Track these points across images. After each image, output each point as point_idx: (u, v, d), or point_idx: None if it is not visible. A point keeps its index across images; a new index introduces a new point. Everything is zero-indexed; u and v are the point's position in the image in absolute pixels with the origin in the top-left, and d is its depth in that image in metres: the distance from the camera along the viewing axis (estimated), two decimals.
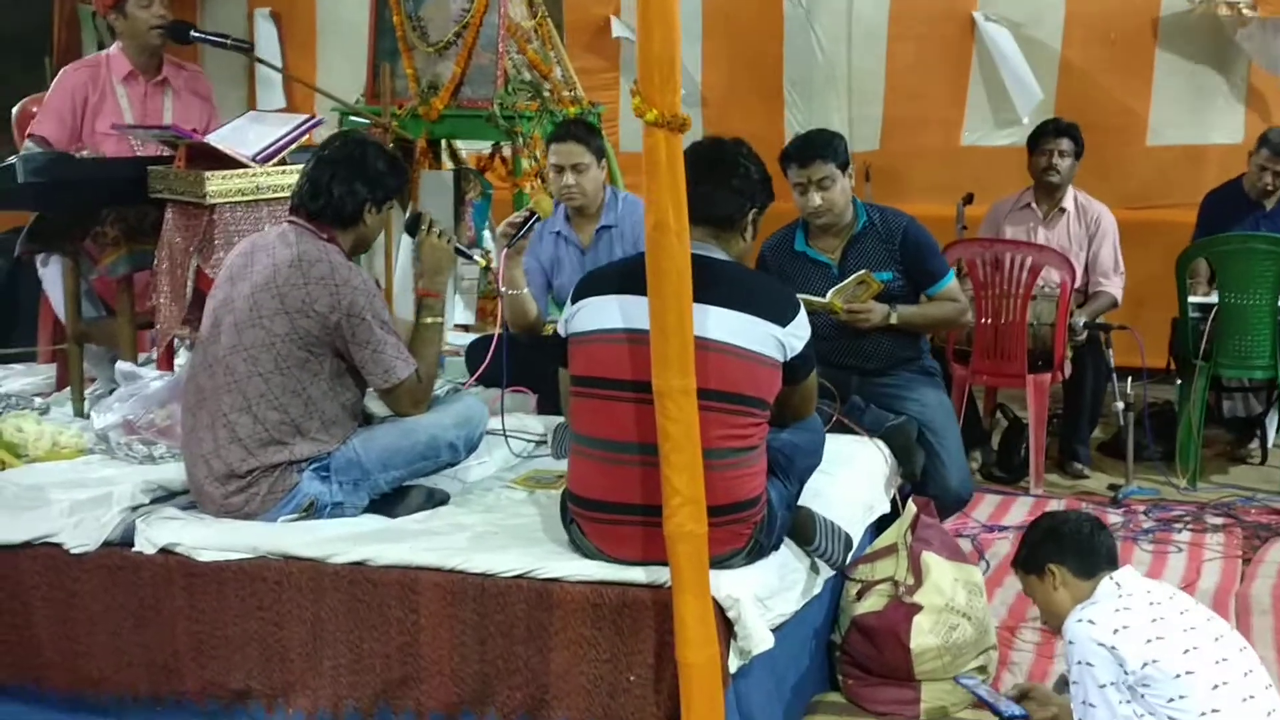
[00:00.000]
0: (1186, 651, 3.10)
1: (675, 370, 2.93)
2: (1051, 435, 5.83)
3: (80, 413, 4.62)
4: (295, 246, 3.60)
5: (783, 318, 3.23)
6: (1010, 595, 4.40)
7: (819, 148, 4.42)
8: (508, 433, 4.14)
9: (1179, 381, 5.89)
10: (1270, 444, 5.93)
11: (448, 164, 6.02)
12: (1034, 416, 5.54)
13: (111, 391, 4.63)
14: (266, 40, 8.26)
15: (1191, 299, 5.64)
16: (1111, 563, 3.35)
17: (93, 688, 3.59)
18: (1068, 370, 5.68)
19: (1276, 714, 3.10)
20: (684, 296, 2.92)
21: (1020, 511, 5.31)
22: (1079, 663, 3.16)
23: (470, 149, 6.29)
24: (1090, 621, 3.17)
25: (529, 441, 4.28)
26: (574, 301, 3.37)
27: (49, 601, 3.57)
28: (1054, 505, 5.33)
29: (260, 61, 5.23)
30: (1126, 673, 3.09)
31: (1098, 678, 3.12)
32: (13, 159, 4.26)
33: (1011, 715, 3.41)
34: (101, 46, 8.45)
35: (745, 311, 3.18)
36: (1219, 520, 5.17)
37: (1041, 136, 6.00)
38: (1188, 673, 3.07)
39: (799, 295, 3.52)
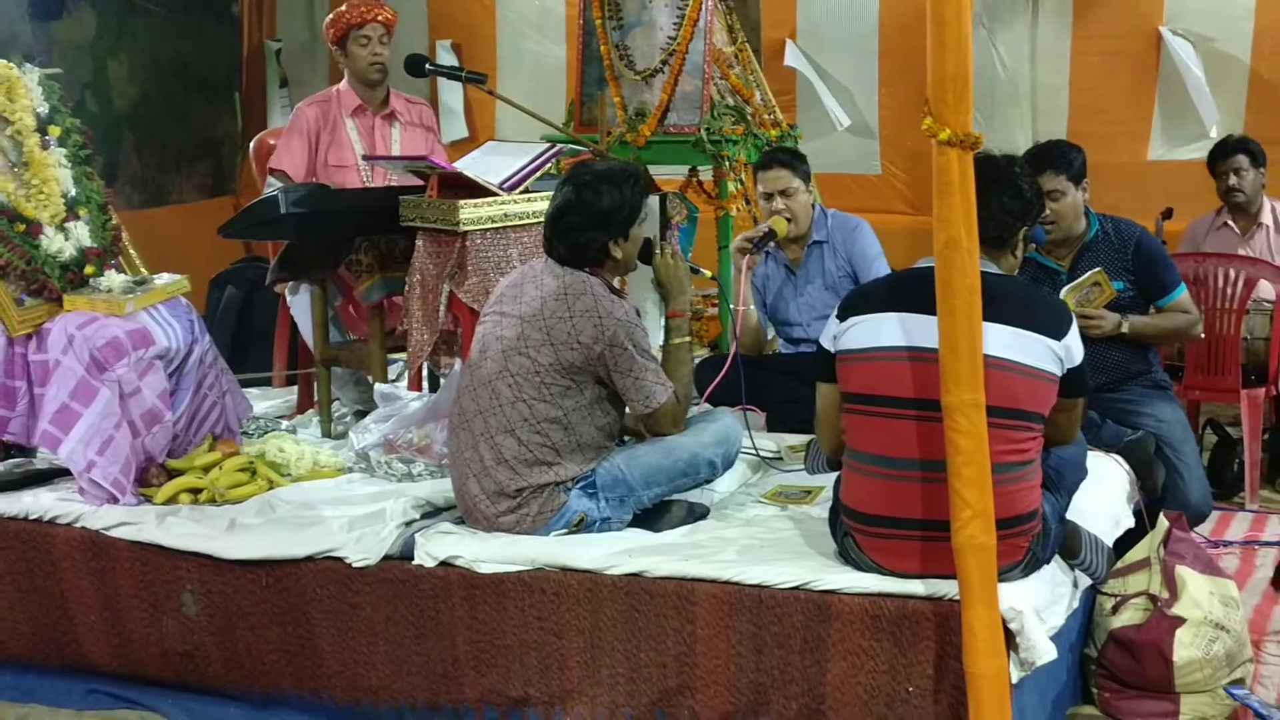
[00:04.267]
0: None
1: (966, 385, 2.99)
2: (1263, 451, 5.76)
3: (328, 433, 4.81)
4: (561, 278, 3.72)
5: (1058, 331, 3.27)
6: (1249, 610, 4.37)
7: (1051, 160, 4.46)
8: (754, 449, 4.22)
9: None
10: None
11: None
12: (1249, 431, 5.49)
13: (357, 413, 4.82)
14: None
15: None
16: None
17: (371, 697, 3.74)
18: None
19: None
20: (974, 313, 2.99)
21: (1241, 526, 5.26)
22: None
23: (663, 175, 6.41)
24: None
25: (766, 458, 4.36)
26: (842, 318, 3.42)
27: (330, 614, 3.73)
28: (1275, 520, 5.29)
29: (493, 94, 5.37)
30: None
31: None
32: (273, 191, 4.45)
33: None
34: (283, 84, 8.83)
35: (1024, 328, 3.23)
36: None
37: (1218, 159, 5.96)
38: None
39: None
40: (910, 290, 3.26)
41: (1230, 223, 6.00)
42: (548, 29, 8.01)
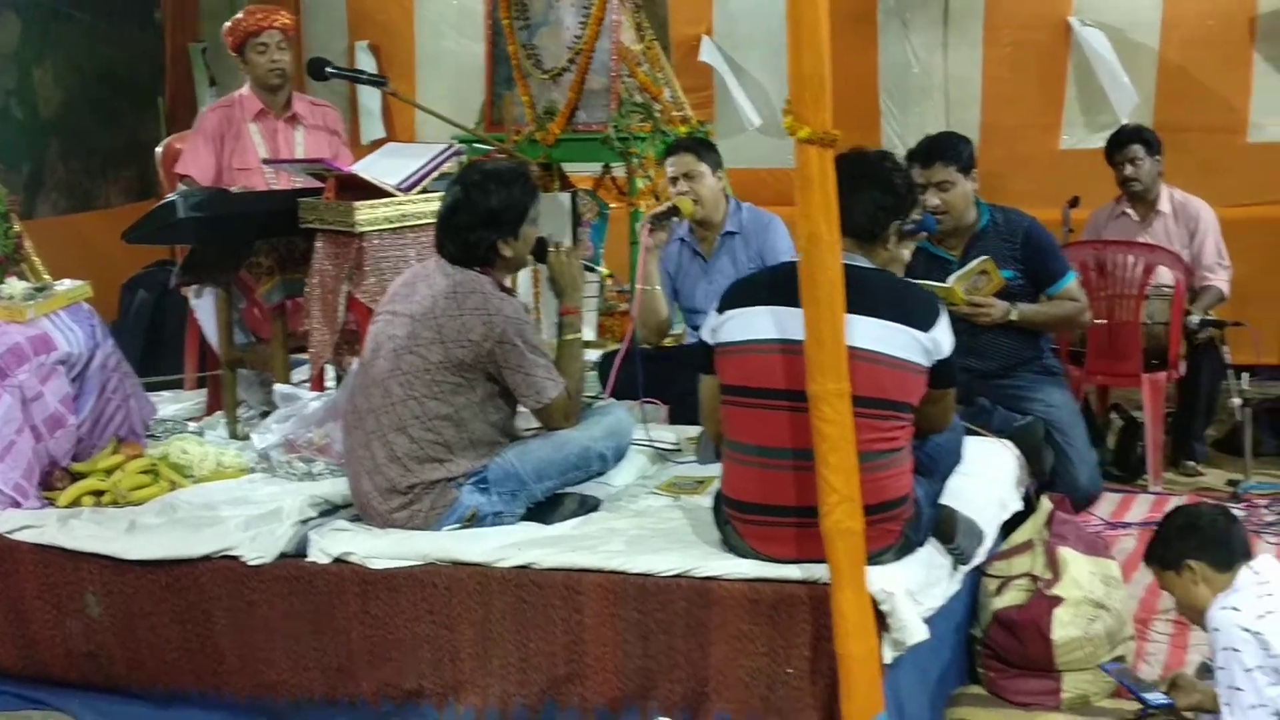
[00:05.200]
0: None
1: (831, 375, 3.07)
2: (1166, 433, 5.89)
3: (235, 435, 4.85)
4: (452, 276, 3.78)
5: (925, 323, 3.35)
6: (1140, 589, 4.48)
7: (941, 151, 4.56)
8: (649, 442, 4.30)
9: None
10: None
11: None
12: (1150, 415, 5.61)
13: (264, 414, 4.87)
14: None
15: None
16: (1247, 554, 3.44)
17: (270, 692, 3.78)
18: (1182, 368, 5.75)
19: None
20: (837, 305, 3.07)
21: (1142, 508, 5.39)
22: (1224, 649, 3.25)
23: (578, 172, 6.48)
24: (1234, 609, 3.27)
25: (665, 450, 4.44)
26: (721, 311, 3.50)
27: (229, 611, 3.77)
28: (1175, 502, 5.41)
29: (395, 95, 5.45)
30: (1271, 656, 3.19)
31: (1244, 662, 3.22)
32: (172, 195, 4.49)
33: (1156, 703, 3.50)
34: (212, 82, 8.84)
35: (890, 319, 3.30)
36: None
37: (1115, 148, 6.08)
38: None
39: (918, 282, 3.61)
40: (783, 284, 3.33)
41: (1129, 211, 6.12)
42: (466, 28, 8.03)
